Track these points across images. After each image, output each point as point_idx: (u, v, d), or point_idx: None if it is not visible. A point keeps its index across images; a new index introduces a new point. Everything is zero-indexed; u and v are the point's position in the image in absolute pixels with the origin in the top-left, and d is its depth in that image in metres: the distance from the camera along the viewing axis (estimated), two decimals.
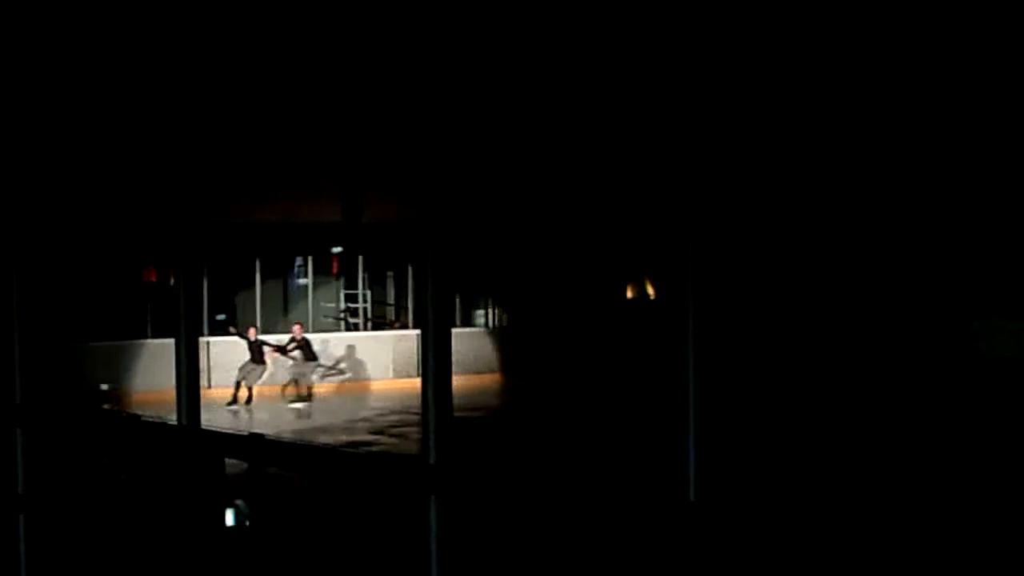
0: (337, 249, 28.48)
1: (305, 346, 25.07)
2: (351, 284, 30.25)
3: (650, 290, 31.19)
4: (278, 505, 11.58)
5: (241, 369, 24.33)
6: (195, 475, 6.93)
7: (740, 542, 5.42)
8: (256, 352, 24.37)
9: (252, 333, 24.95)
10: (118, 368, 25.14)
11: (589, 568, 10.90)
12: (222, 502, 8.22)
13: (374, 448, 19.28)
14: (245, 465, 8.80)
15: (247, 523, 10.02)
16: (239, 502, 9.97)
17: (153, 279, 26.79)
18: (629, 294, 31.14)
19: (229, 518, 9.58)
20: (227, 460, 7.37)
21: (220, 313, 27.11)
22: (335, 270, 29.41)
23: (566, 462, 16.85)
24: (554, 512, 6.96)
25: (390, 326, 30.10)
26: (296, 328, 25.45)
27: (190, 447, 7.09)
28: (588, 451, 17.87)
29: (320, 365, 25.90)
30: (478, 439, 17.29)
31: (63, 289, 23.05)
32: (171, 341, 7.37)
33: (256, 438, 7.25)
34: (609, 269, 30.52)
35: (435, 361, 6.00)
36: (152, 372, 24.03)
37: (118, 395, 23.96)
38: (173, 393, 7.12)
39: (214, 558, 7.40)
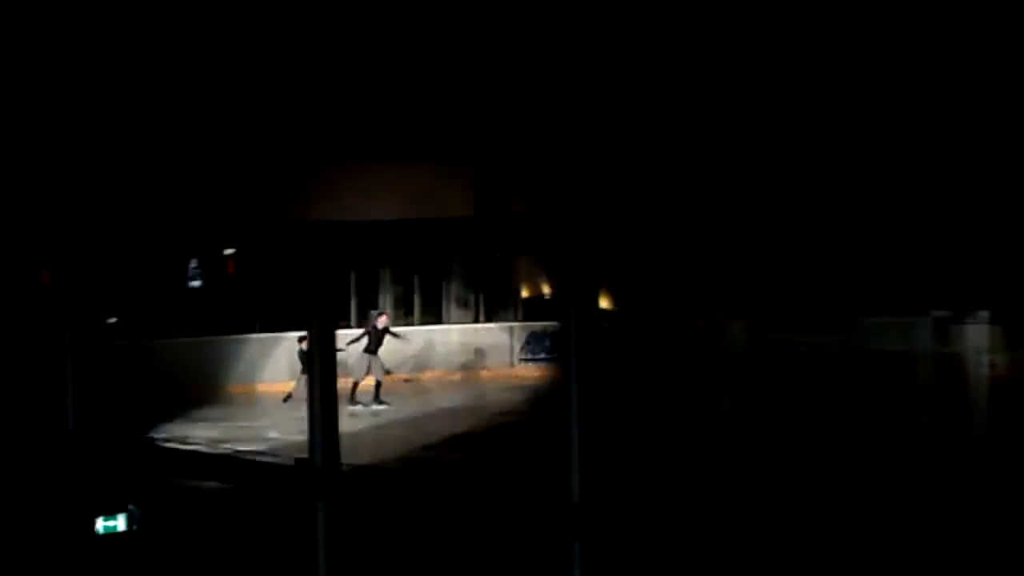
0: (229, 251, 28.11)
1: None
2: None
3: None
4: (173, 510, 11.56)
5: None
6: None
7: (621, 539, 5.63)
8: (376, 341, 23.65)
9: (383, 320, 24.16)
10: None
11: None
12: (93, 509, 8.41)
13: None
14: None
15: (135, 527, 10.04)
16: (131, 507, 10.01)
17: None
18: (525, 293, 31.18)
19: (120, 523, 9.67)
20: None
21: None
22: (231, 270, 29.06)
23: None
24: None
25: None
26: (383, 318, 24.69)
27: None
28: None
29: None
30: None
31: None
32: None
33: (147, 443, 7.36)
34: None
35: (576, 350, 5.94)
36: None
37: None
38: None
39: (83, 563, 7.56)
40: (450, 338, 28.10)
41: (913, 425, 18.34)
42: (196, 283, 25.58)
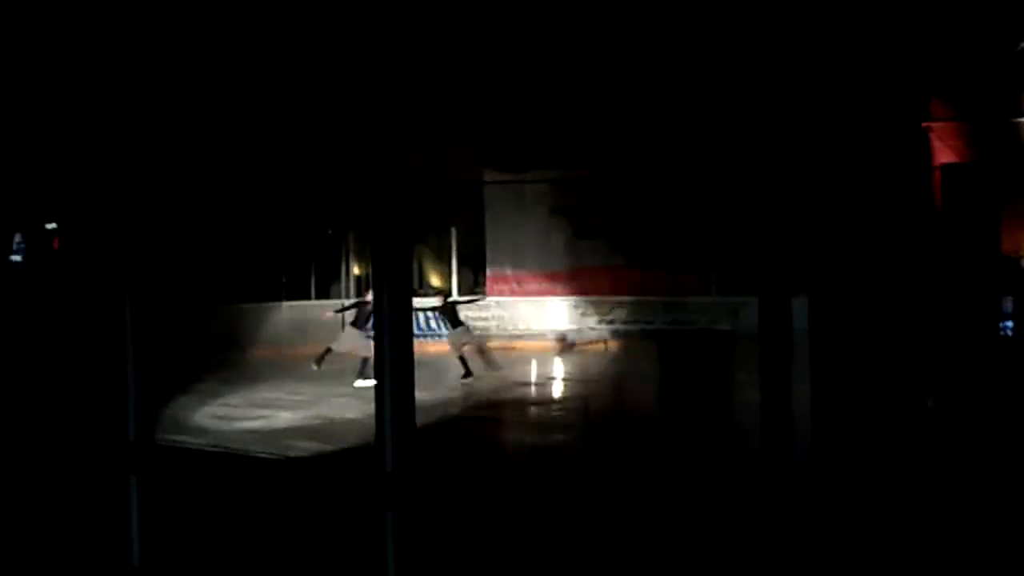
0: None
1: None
2: None
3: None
4: None
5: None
6: None
7: None
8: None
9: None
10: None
11: None
12: None
13: None
14: None
15: None
16: None
17: None
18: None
19: None
20: None
21: None
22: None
23: None
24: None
25: None
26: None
27: None
28: None
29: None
30: None
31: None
32: None
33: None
34: None
35: None
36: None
37: None
38: None
39: None
40: (281, 315, 28.89)
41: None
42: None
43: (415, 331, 23.26)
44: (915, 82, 24.54)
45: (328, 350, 23.32)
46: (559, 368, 25.59)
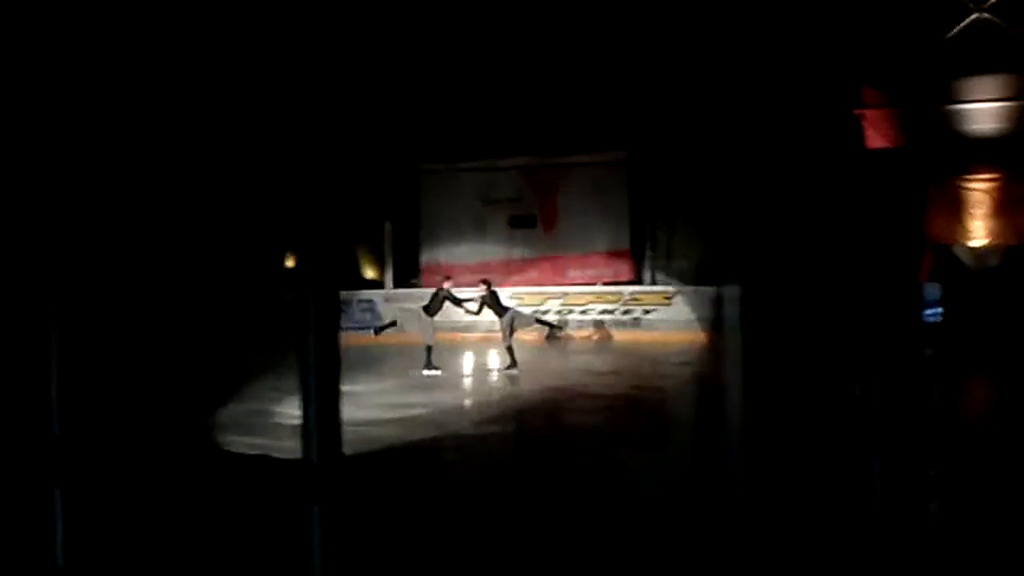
0: None
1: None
2: None
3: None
4: None
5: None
6: None
7: None
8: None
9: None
10: None
11: None
12: None
13: None
14: None
15: None
16: None
17: None
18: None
19: None
20: None
21: None
22: None
23: None
24: None
25: None
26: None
27: None
28: None
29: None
30: None
31: None
32: None
33: None
34: None
35: None
36: None
37: None
38: None
39: None
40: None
41: None
42: None
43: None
44: (847, 70, 24.81)
45: (393, 323, 24.10)
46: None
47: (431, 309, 22.39)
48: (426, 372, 21.86)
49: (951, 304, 23.71)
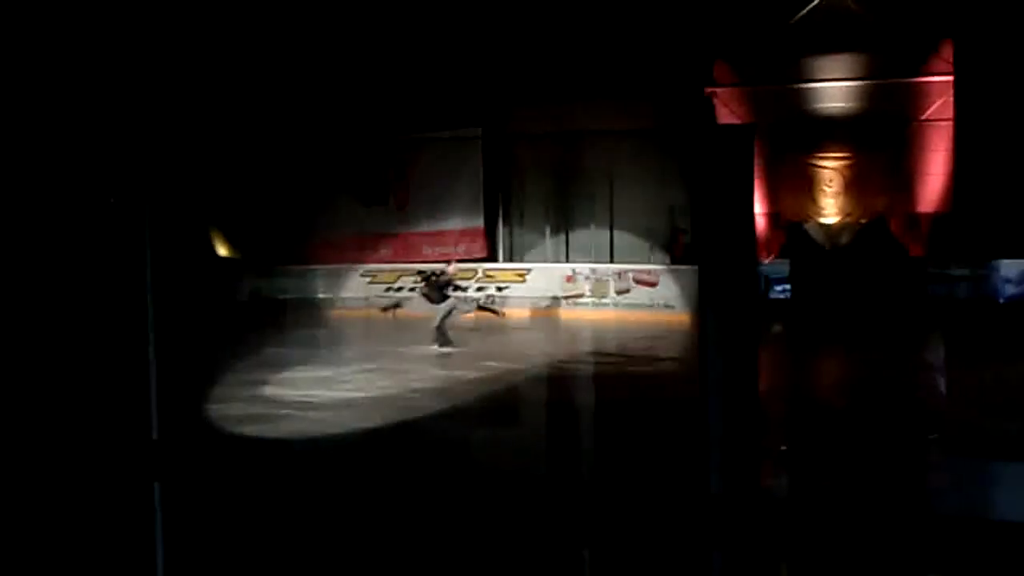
0: None
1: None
2: None
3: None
4: None
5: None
6: None
7: None
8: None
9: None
10: None
11: None
12: None
13: None
14: None
15: None
16: None
17: None
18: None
19: None
20: None
21: None
22: None
23: None
24: None
25: None
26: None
27: None
28: None
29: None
30: None
31: None
32: None
33: None
34: None
35: None
36: None
37: None
38: None
39: None
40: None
41: None
42: None
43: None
44: (699, 48, 25.20)
45: (398, 304, 24.57)
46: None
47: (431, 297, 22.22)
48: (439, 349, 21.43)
49: (799, 281, 24.21)
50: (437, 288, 22.17)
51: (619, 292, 24.89)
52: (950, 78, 24.06)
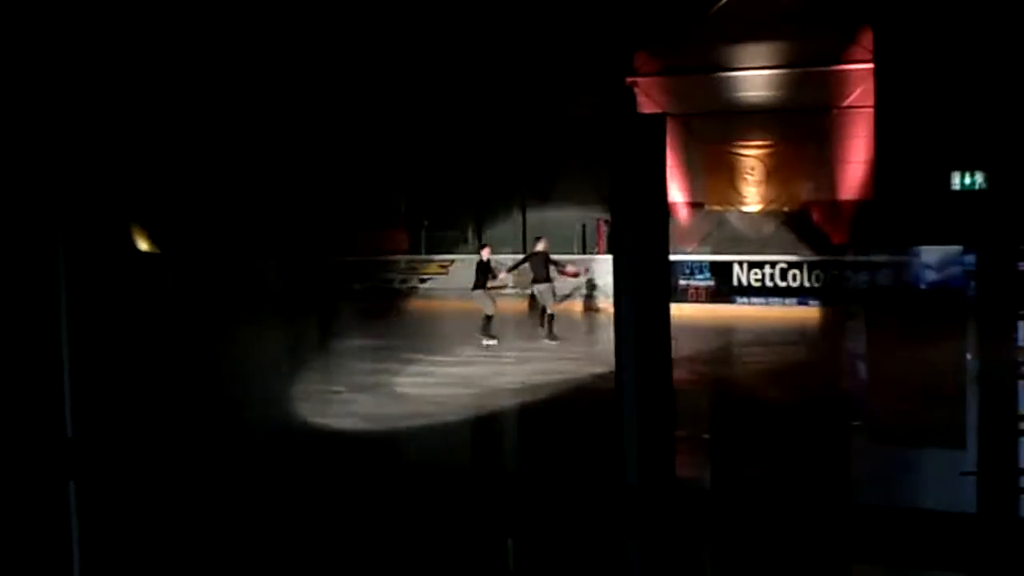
0: None
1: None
2: None
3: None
4: None
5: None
6: None
7: None
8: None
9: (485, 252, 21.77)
10: None
11: None
12: None
13: None
14: None
15: None
16: None
17: None
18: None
19: None
20: None
21: None
22: None
23: None
24: None
25: None
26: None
27: None
28: None
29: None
30: None
31: None
32: None
33: None
34: None
35: None
36: None
37: None
38: None
39: None
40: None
41: None
42: None
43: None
44: (619, 38, 25.37)
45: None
46: None
47: (477, 282, 21.19)
48: (485, 341, 20.46)
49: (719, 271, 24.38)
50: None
51: None
52: (870, 66, 24.35)
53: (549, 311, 20.52)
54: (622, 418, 7.50)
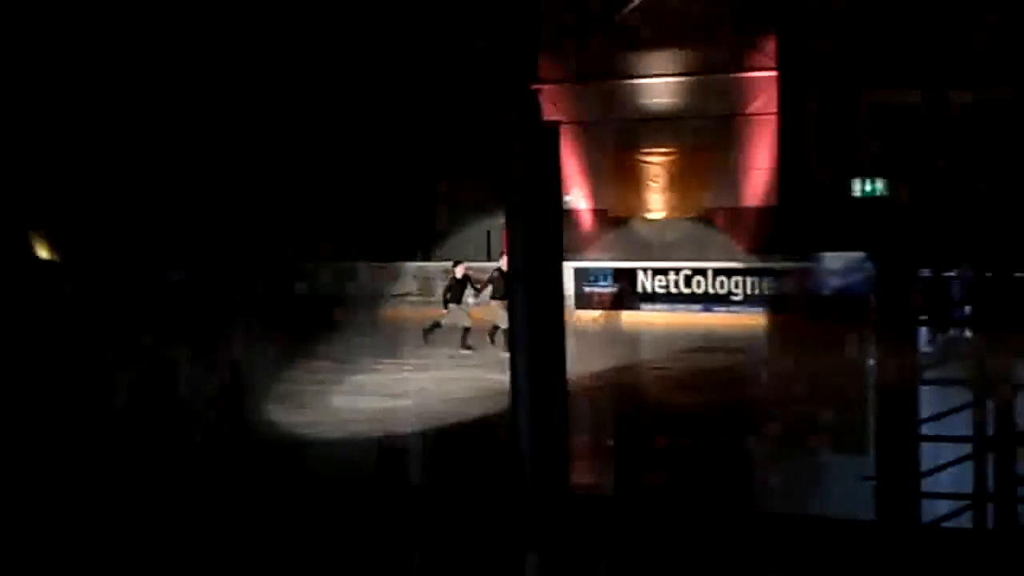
0: None
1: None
2: None
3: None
4: None
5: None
6: None
7: None
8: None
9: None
10: None
11: None
12: None
13: None
14: None
15: None
16: None
17: None
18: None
19: None
20: None
21: None
22: None
23: None
24: None
25: None
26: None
27: None
28: None
29: None
30: None
31: None
32: None
33: None
34: None
35: None
36: None
37: None
38: None
39: None
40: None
41: None
42: None
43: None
44: (522, 45, 25.36)
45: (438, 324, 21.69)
46: None
47: (451, 297, 21.05)
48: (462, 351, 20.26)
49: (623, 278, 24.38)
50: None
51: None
52: (774, 73, 24.48)
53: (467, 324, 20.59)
54: (517, 426, 7.50)
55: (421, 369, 18.76)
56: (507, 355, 18.44)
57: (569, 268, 22.08)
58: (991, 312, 20.47)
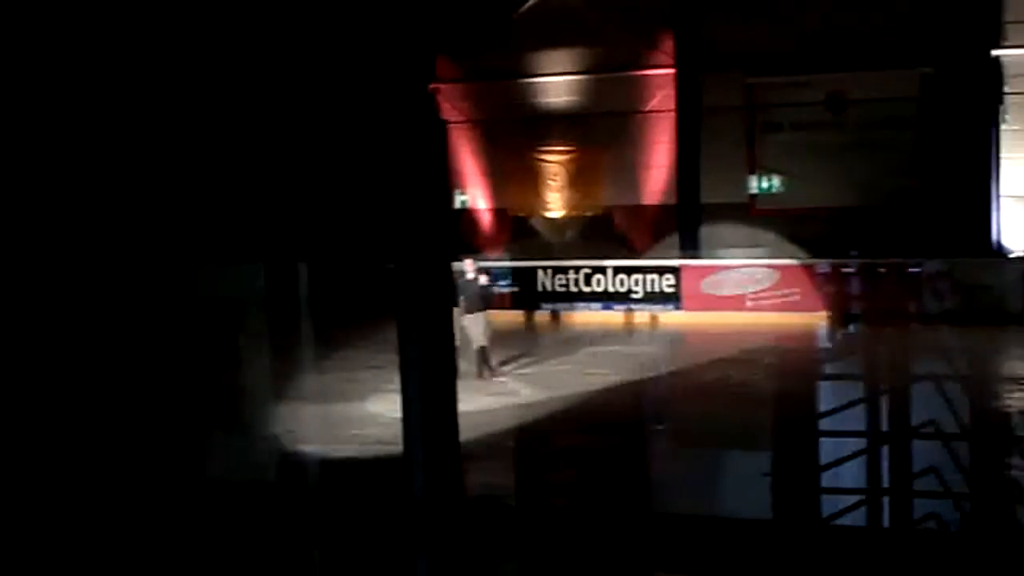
0: None
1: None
2: None
3: None
4: None
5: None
6: None
7: None
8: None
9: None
10: None
11: None
12: None
13: None
14: None
15: None
16: None
17: None
18: None
19: None
20: None
21: None
22: None
23: None
24: None
25: None
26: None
27: None
28: None
29: None
30: None
31: None
32: None
33: None
34: None
35: None
36: None
37: None
38: None
39: None
40: None
41: None
42: None
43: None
44: (418, 43, 25.26)
45: None
46: None
47: (467, 306, 17.60)
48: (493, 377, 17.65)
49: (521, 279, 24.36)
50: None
51: None
52: (671, 71, 24.63)
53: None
54: (408, 431, 7.48)
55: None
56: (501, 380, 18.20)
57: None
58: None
